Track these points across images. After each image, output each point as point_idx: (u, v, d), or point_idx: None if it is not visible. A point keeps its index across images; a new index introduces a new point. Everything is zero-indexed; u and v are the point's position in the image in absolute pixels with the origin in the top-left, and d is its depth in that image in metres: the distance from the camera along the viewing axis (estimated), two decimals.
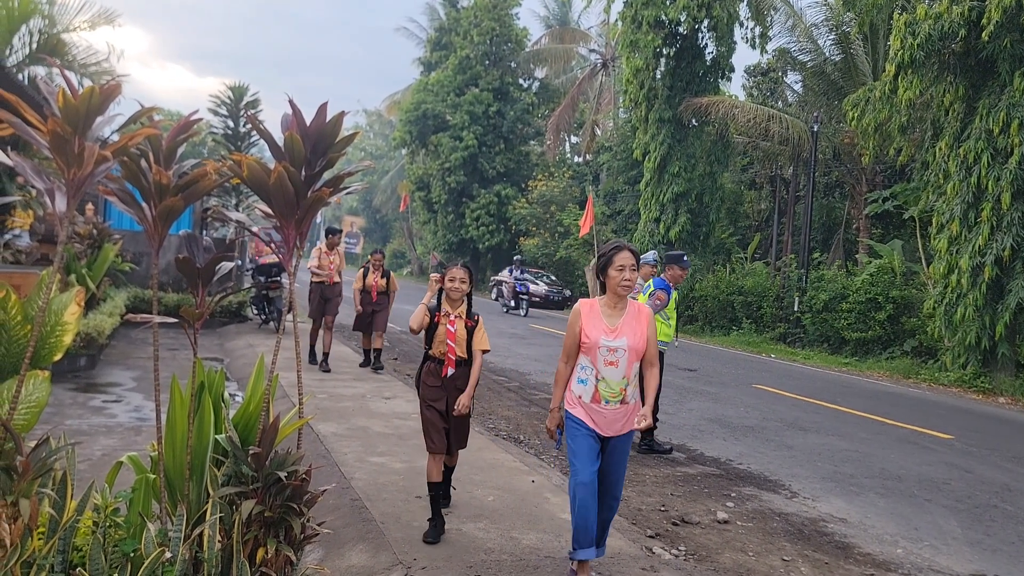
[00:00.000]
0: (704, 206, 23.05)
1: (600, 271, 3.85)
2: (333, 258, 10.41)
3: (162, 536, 3.06)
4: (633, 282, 3.71)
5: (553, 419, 3.95)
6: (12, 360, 3.40)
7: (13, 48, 11.37)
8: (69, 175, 2.76)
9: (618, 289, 3.77)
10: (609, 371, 3.76)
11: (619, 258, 3.78)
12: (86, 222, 12.09)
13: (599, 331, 3.78)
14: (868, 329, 17.32)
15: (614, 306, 3.84)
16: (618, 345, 3.76)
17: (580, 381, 3.84)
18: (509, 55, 36.09)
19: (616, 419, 3.81)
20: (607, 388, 3.77)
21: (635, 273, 3.73)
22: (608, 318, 3.82)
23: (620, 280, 3.76)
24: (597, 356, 3.77)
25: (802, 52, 22.97)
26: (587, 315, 3.84)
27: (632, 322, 3.82)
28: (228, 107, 16.66)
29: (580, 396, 3.82)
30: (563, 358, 3.92)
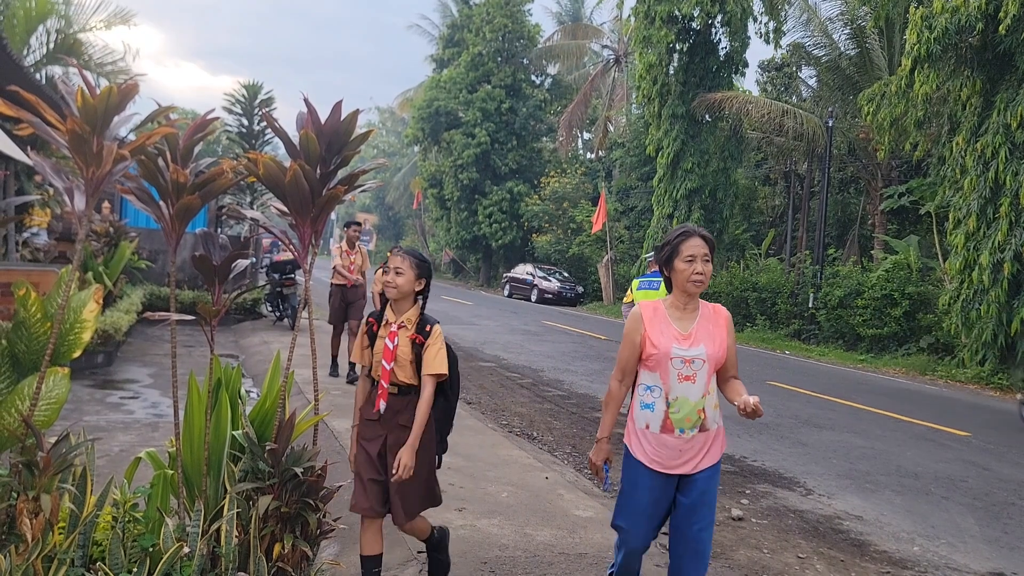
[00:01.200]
0: (718, 202, 22.96)
1: (664, 263, 3.12)
2: (354, 257, 9.35)
3: (180, 531, 3.09)
4: (707, 276, 3.01)
5: (600, 452, 3.19)
6: (32, 357, 3.45)
7: (31, 48, 11.48)
8: (88, 174, 2.78)
9: (688, 285, 3.03)
10: (685, 388, 3.01)
11: (688, 246, 3.02)
12: (103, 220, 12.20)
13: (669, 338, 3.04)
14: (884, 326, 17.21)
15: (684, 307, 3.10)
16: (695, 354, 3.02)
17: (644, 406, 3.06)
18: (521, 52, 36.05)
19: (693, 451, 3.04)
20: (682, 411, 3.01)
21: (708, 265, 3.02)
22: (678, 322, 3.08)
23: (691, 274, 3.01)
24: (669, 370, 3.01)
25: (817, 47, 22.83)
26: (652, 319, 3.10)
27: (708, 326, 3.10)
28: (242, 105, 16.74)
29: (647, 425, 3.05)
30: (616, 375, 3.17)
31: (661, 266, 3.14)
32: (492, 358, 12.78)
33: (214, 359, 3.33)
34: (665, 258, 3.11)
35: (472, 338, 15.01)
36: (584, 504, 5.15)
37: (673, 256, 3.07)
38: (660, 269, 3.16)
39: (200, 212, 3.30)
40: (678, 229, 3.11)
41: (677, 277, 3.07)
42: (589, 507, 5.09)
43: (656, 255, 3.15)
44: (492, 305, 25.12)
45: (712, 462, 3.10)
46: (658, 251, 3.15)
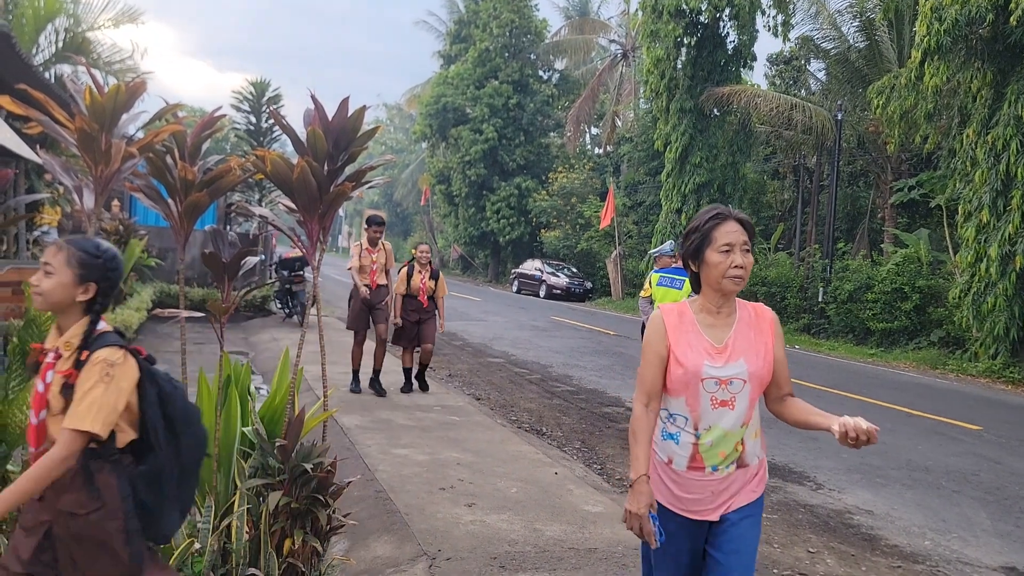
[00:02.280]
0: (726, 197, 22.86)
1: (691, 256, 2.42)
2: (377, 255, 8.27)
3: (191, 527, 3.11)
4: (748, 270, 2.35)
5: (639, 497, 2.35)
6: None
7: (40, 47, 11.53)
8: (97, 172, 2.80)
9: (724, 283, 2.34)
10: (720, 416, 2.36)
11: (723, 232, 2.34)
12: (112, 218, 12.26)
13: (699, 352, 2.36)
14: (894, 319, 17.12)
15: (717, 310, 2.42)
16: (733, 373, 2.35)
17: (667, 436, 2.45)
18: (529, 47, 35.97)
19: (728, 492, 2.43)
20: (716, 444, 2.36)
21: (749, 256, 2.36)
22: (710, 330, 2.41)
23: (727, 268, 2.32)
24: (699, 394, 2.36)
25: (825, 39, 22.67)
26: (676, 328, 2.41)
27: (749, 334, 2.41)
28: (250, 103, 16.80)
29: (670, 459, 2.45)
30: (640, 398, 2.46)
31: (686, 259, 2.46)
32: (501, 354, 12.78)
33: (224, 356, 3.34)
34: (693, 248, 2.40)
35: (481, 334, 15.01)
36: (594, 499, 5.14)
37: (703, 245, 2.37)
38: (685, 263, 2.48)
39: (209, 209, 3.31)
40: (709, 211, 2.42)
41: (709, 272, 2.37)
42: (599, 502, 5.09)
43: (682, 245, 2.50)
44: (501, 301, 25.12)
45: (748, 499, 2.44)
46: (684, 239, 2.46)
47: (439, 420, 7.22)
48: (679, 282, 7.11)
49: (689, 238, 2.44)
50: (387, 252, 8.40)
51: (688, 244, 2.45)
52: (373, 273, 8.19)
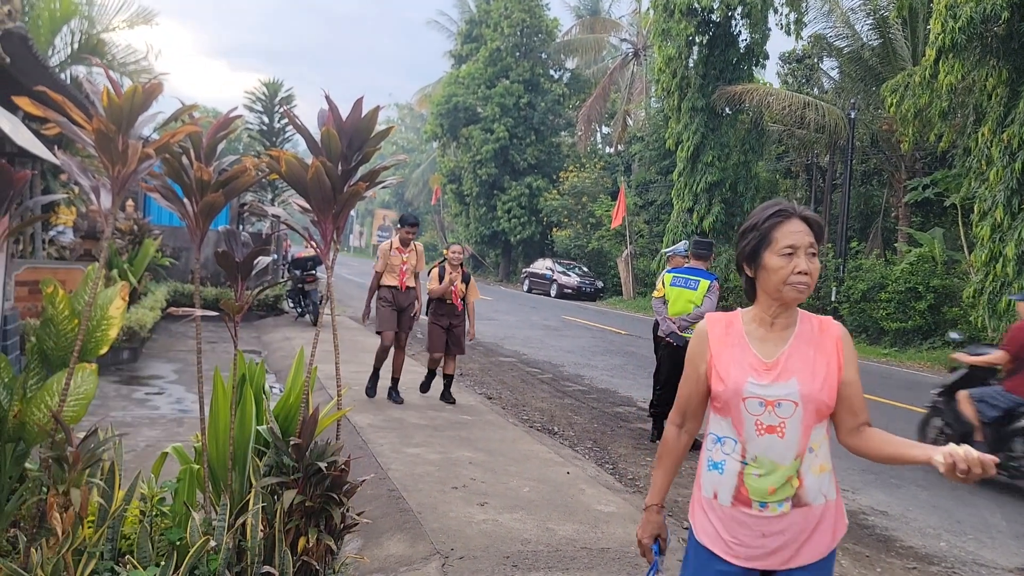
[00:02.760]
0: (738, 195, 22.80)
1: (747, 258, 2.10)
2: (408, 256, 7.85)
3: (207, 525, 3.13)
4: (814, 278, 2.01)
5: (647, 526, 2.24)
6: (60, 354, 3.49)
7: (56, 48, 11.62)
8: (113, 172, 2.82)
9: (785, 291, 2.01)
10: (767, 444, 2.02)
11: (786, 233, 2.02)
12: (127, 218, 12.34)
13: (743, 368, 2.06)
14: (908, 319, 17.02)
15: (772, 321, 2.10)
16: (781, 394, 2.02)
17: (712, 466, 2.12)
18: (540, 46, 35.97)
19: (783, 537, 2.03)
20: (763, 478, 2.02)
21: (815, 261, 2.02)
22: (761, 344, 2.09)
23: (789, 274, 2.00)
24: (742, 416, 2.04)
25: (838, 38, 22.57)
26: (721, 339, 2.14)
27: (808, 351, 2.07)
28: (263, 103, 16.88)
29: (715, 493, 2.09)
30: (674, 417, 2.25)
31: (740, 261, 2.14)
32: (512, 353, 12.79)
33: (238, 355, 3.36)
34: (749, 250, 2.08)
35: (492, 333, 15.02)
36: (606, 499, 5.14)
37: (761, 247, 2.05)
38: (739, 266, 2.16)
39: (222, 209, 3.33)
40: (769, 207, 2.09)
41: (767, 278, 2.04)
42: (611, 502, 5.09)
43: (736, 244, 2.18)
44: (511, 300, 25.12)
45: (815, 556, 2.05)
46: (739, 239, 2.14)
47: (451, 419, 7.23)
48: (694, 282, 7.04)
49: (745, 238, 2.11)
50: (418, 253, 7.96)
51: (743, 245, 2.11)
52: (403, 275, 7.77)
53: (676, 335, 6.95)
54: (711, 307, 6.90)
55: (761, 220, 2.07)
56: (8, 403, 3.35)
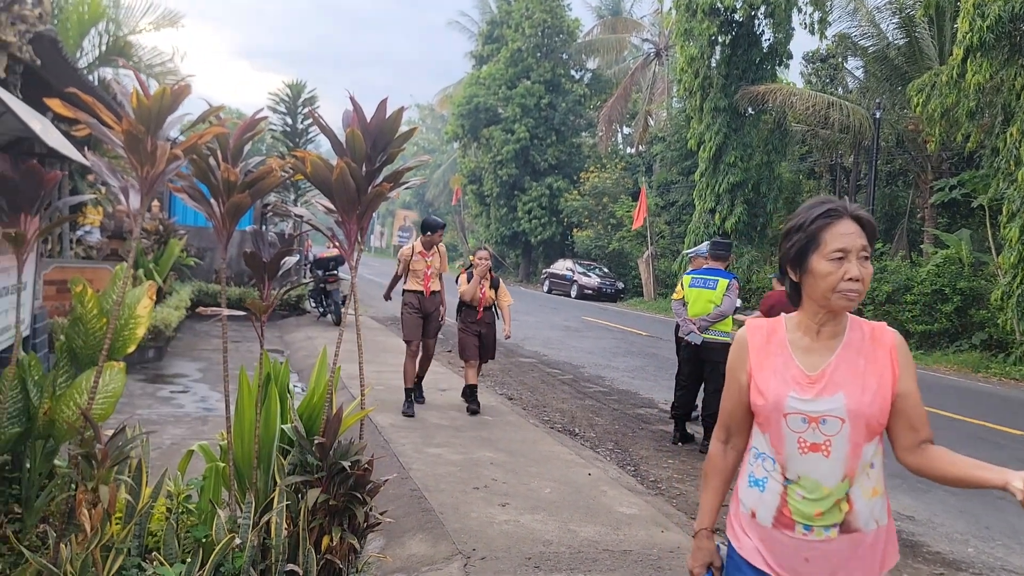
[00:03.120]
0: (761, 196, 22.64)
1: (792, 261, 1.92)
2: (432, 259, 7.57)
3: (232, 523, 3.15)
4: (866, 284, 1.83)
5: (699, 554, 2.07)
6: (89, 352, 3.54)
7: (83, 51, 11.79)
8: (142, 173, 2.85)
9: (834, 299, 1.84)
10: (811, 463, 1.86)
11: (837, 234, 1.84)
12: (153, 218, 12.48)
13: (784, 381, 1.90)
14: (934, 322, 16.80)
15: (818, 329, 1.92)
16: (826, 409, 1.84)
17: (752, 482, 1.96)
18: (561, 47, 35.94)
19: (830, 566, 1.86)
20: (809, 496, 1.85)
21: (868, 266, 1.84)
22: (805, 354, 1.92)
23: (838, 280, 1.82)
24: (782, 432, 1.88)
25: (864, 37, 22.34)
26: (761, 348, 1.97)
27: (858, 361, 1.88)
28: (286, 104, 17.00)
29: (753, 512, 1.94)
30: (718, 433, 2.10)
31: (785, 264, 1.95)
32: (532, 354, 12.78)
33: (264, 354, 3.39)
34: (794, 253, 1.90)
35: (512, 334, 15.02)
36: (628, 501, 5.12)
37: (809, 250, 1.86)
38: (782, 269, 1.98)
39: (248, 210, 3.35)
40: (817, 205, 1.90)
41: (814, 284, 1.86)
42: (633, 504, 5.07)
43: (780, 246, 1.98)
44: (531, 301, 25.11)
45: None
46: (783, 239, 1.96)
47: (472, 420, 7.24)
48: (712, 282, 7.02)
49: (790, 239, 1.92)
50: (441, 255, 7.68)
51: (788, 246, 1.92)
52: (428, 279, 7.46)
53: (695, 335, 6.93)
54: (731, 306, 6.89)
55: (808, 220, 1.88)
56: (38, 400, 3.41)
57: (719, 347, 6.90)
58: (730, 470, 2.07)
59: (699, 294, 7.02)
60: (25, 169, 2.95)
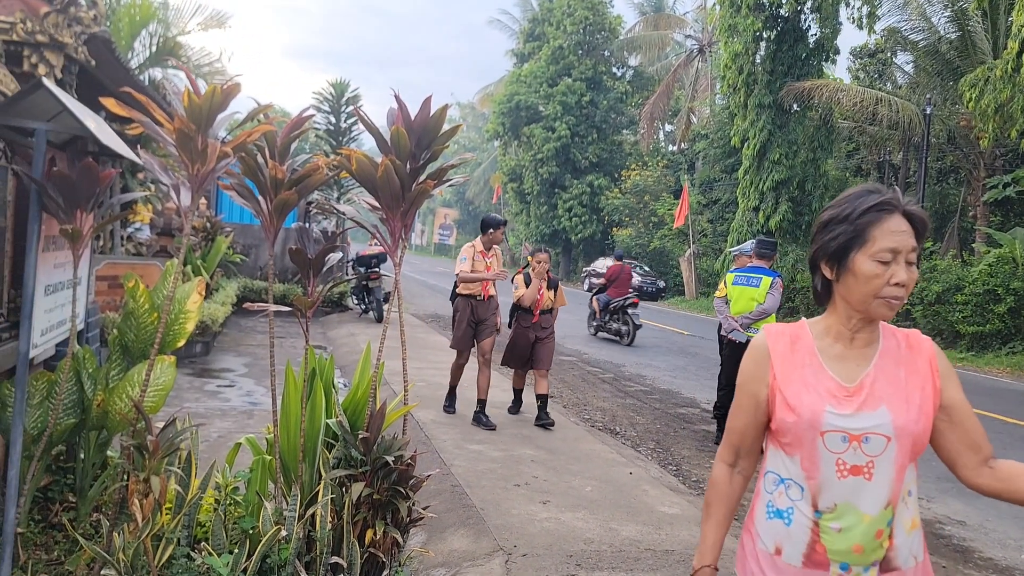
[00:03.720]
0: (806, 194, 22.28)
1: (830, 257, 1.67)
2: (491, 261, 7.02)
3: (278, 515, 3.20)
4: (910, 290, 1.62)
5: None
6: (140, 346, 3.63)
7: (135, 52, 12.08)
8: (193, 170, 2.91)
9: (875, 305, 1.61)
10: (851, 489, 1.62)
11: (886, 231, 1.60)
12: (200, 216, 12.73)
13: (819, 394, 1.65)
14: (986, 322, 16.35)
15: (852, 336, 1.69)
16: (869, 426, 1.61)
17: (772, 513, 1.70)
18: (602, 44, 35.77)
19: None
20: (849, 533, 1.61)
21: (914, 271, 1.61)
22: (838, 363, 1.69)
23: (883, 285, 1.60)
24: (818, 454, 1.63)
25: (914, 31, 21.82)
26: (786, 357, 1.72)
27: (897, 371, 1.67)
28: (330, 103, 17.20)
29: (778, 548, 1.68)
30: (724, 454, 1.84)
31: (818, 259, 1.71)
32: (573, 352, 12.75)
33: (309, 349, 3.43)
34: (835, 248, 1.65)
35: None
36: (670, 500, 5.08)
37: (853, 246, 1.62)
38: (814, 265, 1.73)
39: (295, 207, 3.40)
40: (867, 195, 1.65)
41: (854, 286, 1.63)
42: (675, 504, 5.03)
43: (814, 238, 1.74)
44: (571, 299, 25.00)
45: None
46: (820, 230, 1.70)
47: (512, 418, 7.25)
48: (756, 280, 6.94)
49: (830, 230, 1.67)
50: (498, 258, 7.18)
51: (827, 238, 1.67)
52: (486, 283, 6.98)
53: (739, 333, 6.85)
54: (775, 303, 6.80)
55: (856, 212, 1.62)
56: (92, 392, 3.50)
57: None
58: (736, 498, 1.82)
59: (742, 292, 6.95)
60: (82, 167, 3.03)
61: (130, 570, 2.82)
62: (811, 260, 1.74)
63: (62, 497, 3.63)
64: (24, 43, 3.49)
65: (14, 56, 3.52)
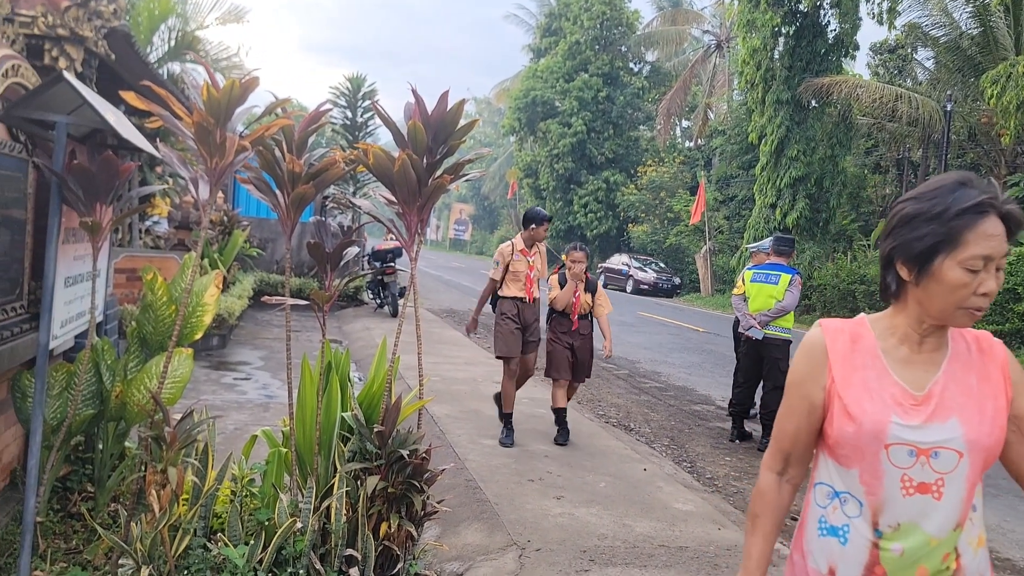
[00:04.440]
0: (824, 191, 22.11)
1: (912, 257, 1.48)
2: (533, 260, 6.29)
3: (293, 507, 3.22)
4: (991, 299, 1.46)
5: None
6: (158, 338, 3.66)
7: (154, 46, 12.16)
8: (211, 164, 2.92)
9: (958, 316, 1.47)
10: (917, 509, 1.47)
11: (982, 234, 1.43)
12: (218, 209, 12.81)
13: (883, 402, 1.50)
14: (1005, 322, 16.16)
15: (920, 340, 1.54)
16: (939, 439, 1.47)
17: (828, 531, 1.56)
18: (619, 39, 35.62)
19: None
20: (913, 555, 1.48)
21: (1001, 278, 1.46)
22: (905, 367, 1.53)
23: (969, 294, 1.45)
24: (881, 468, 1.48)
25: (935, 26, 21.57)
26: (846, 357, 1.56)
27: (968, 378, 1.53)
28: (347, 98, 17.24)
29: (832, 569, 1.54)
30: (771, 462, 1.68)
31: (891, 255, 1.52)
32: None
33: (325, 343, 3.45)
34: (920, 249, 1.46)
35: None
36: (684, 497, 5.07)
37: (941, 249, 1.44)
38: (887, 261, 1.54)
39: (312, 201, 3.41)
40: (962, 190, 1.45)
41: (937, 293, 1.46)
42: (689, 500, 5.02)
43: (886, 233, 1.55)
44: None
45: None
46: (898, 225, 1.51)
47: (526, 412, 7.25)
48: (774, 277, 6.89)
49: (916, 228, 1.47)
50: (542, 257, 6.42)
51: (910, 236, 1.48)
52: (530, 283, 6.22)
53: (756, 330, 6.82)
54: (793, 301, 6.76)
55: (949, 211, 1.43)
56: (111, 384, 3.53)
57: (779, 343, 6.79)
58: (785, 508, 1.66)
59: (760, 289, 6.91)
60: (101, 160, 3.05)
61: (147, 560, 2.84)
62: (885, 255, 1.55)
63: (81, 487, 3.67)
64: (45, 37, 3.52)
65: (35, 50, 3.55)
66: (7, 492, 3.51)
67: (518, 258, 6.21)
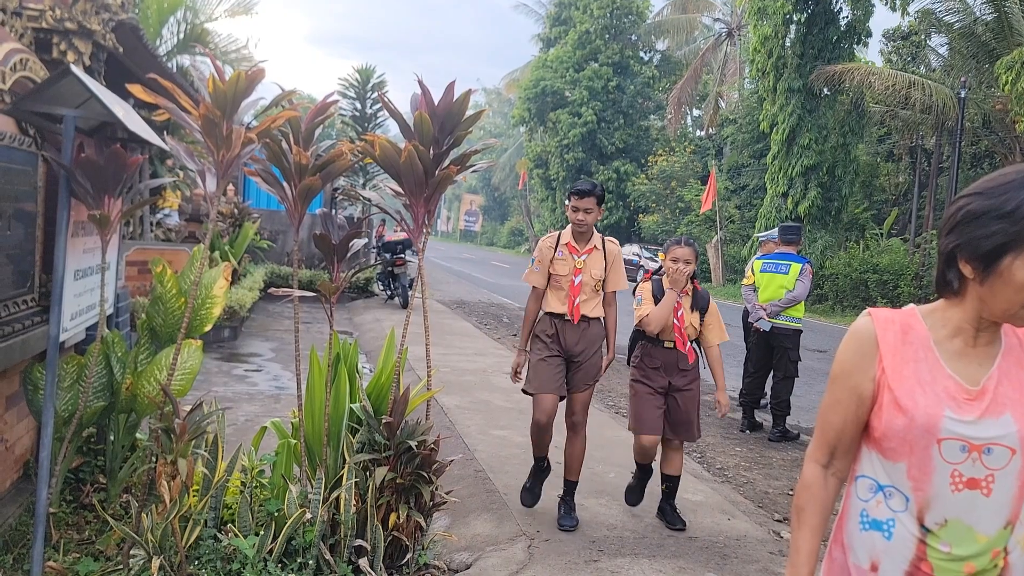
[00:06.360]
0: (836, 179, 21.97)
1: (978, 255, 1.41)
2: (585, 259, 4.26)
3: (303, 498, 3.24)
4: None
5: None
6: (168, 330, 3.68)
7: (162, 39, 12.18)
8: (218, 156, 2.93)
9: (1021, 314, 1.42)
10: (965, 506, 1.45)
11: None
12: (228, 202, 12.85)
13: (936, 395, 1.46)
14: None
15: (975, 335, 1.49)
16: (993, 435, 1.44)
17: (870, 524, 1.53)
18: (630, 28, 35.44)
19: None
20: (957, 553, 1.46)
21: None
22: (957, 361, 1.49)
23: None
24: (932, 463, 1.46)
25: (948, 12, 21.32)
26: (897, 348, 1.51)
27: (1019, 372, 1.49)
28: (355, 89, 17.25)
29: (875, 564, 1.51)
30: (816, 455, 1.62)
31: (953, 251, 1.46)
32: None
33: (333, 335, 3.46)
34: (989, 249, 1.39)
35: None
36: (693, 488, 5.07)
37: (1011, 248, 1.37)
38: (948, 258, 1.47)
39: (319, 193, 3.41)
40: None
41: (1001, 293, 1.40)
42: (699, 491, 5.01)
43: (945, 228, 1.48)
44: None
45: None
46: (963, 221, 1.44)
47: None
48: (784, 266, 6.86)
49: (985, 225, 1.40)
50: (610, 256, 4.37)
51: (977, 234, 1.41)
52: (575, 292, 4.24)
53: (764, 322, 6.79)
54: (804, 290, 6.72)
55: (1022, 209, 1.36)
56: (121, 376, 3.55)
57: (790, 333, 6.77)
58: (831, 502, 1.61)
59: (771, 279, 6.88)
60: (110, 153, 3.06)
61: (158, 550, 2.87)
62: (947, 252, 1.48)
63: (92, 478, 3.71)
64: (53, 30, 3.53)
65: (43, 43, 3.56)
66: (20, 484, 3.54)
67: (562, 256, 4.27)
